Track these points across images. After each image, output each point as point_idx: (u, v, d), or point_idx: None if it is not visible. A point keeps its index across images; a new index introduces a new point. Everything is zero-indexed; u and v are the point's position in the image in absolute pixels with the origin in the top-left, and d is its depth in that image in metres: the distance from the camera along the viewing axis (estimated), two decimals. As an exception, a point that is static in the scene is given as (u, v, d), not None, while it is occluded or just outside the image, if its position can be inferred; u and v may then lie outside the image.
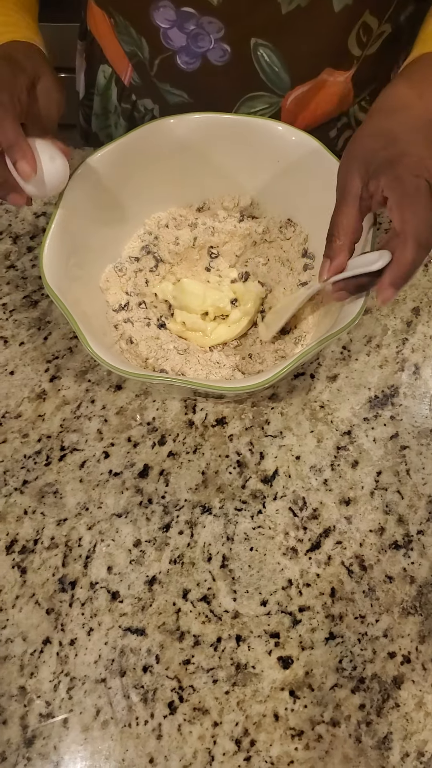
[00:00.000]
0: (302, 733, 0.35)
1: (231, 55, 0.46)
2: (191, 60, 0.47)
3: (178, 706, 0.36)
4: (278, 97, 0.50)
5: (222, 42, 0.45)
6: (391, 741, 0.35)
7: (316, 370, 0.45)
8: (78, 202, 0.42)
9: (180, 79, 0.49)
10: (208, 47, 0.46)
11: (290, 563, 0.39)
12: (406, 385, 0.45)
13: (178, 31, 0.45)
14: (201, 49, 0.46)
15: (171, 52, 0.46)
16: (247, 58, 0.46)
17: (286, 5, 0.42)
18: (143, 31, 0.46)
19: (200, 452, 0.43)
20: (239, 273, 0.47)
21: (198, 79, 0.48)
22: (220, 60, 0.47)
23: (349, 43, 0.47)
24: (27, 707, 0.37)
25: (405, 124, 0.34)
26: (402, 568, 0.39)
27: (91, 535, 0.41)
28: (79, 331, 0.37)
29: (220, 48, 0.46)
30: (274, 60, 0.46)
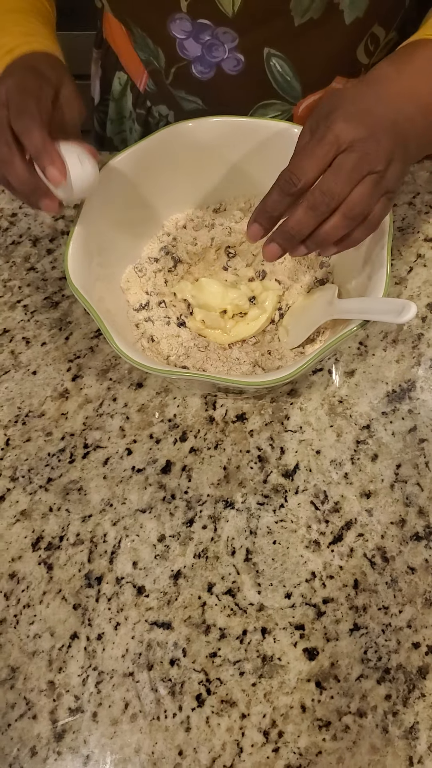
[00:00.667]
0: (329, 724, 0.35)
1: (245, 65, 0.47)
2: (206, 69, 0.48)
3: (205, 698, 0.36)
4: (290, 105, 0.51)
5: (236, 51, 0.46)
6: (417, 731, 0.35)
7: (333, 365, 0.46)
8: (100, 204, 0.43)
9: (195, 86, 0.50)
10: (223, 57, 0.47)
11: (313, 556, 0.40)
12: (422, 380, 0.45)
13: (193, 42, 0.46)
14: (215, 59, 0.47)
15: (186, 61, 0.48)
16: (260, 67, 0.47)
17: (299, 17, 0.43)
18: (160, 41, 0.48)
19: (221, 448, 0.44)
20: (256, 272, 0.47)
21: (212, 87, 0.50)
22: (234, 69, 0.48)
23: (358, 52, 0.48)
24: (56, 702, 0.37)
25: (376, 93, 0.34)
26: (424, 559, 0.39)
27: (116, 531, 0.41)
28: (104, 327, 0.38)
29: (234, 57, 0.47)
30: (286, 69, 0.47)
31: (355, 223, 0.34)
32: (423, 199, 0.53)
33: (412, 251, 0.50)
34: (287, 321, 0.45)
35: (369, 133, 0.32)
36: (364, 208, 0.33)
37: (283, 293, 0.47)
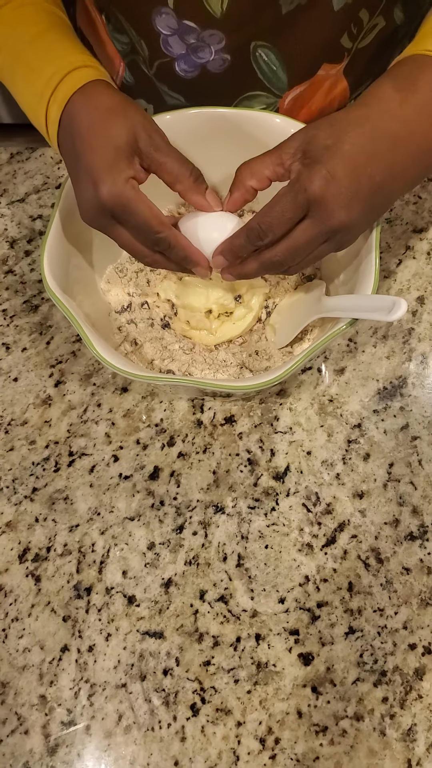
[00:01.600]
0: (326, 729, 0.35)
1: (230, 63, 0.45)
2: (190, 68, 0.46)
3: (200, 707, 0.36)
4: (276, 98, 0.49)
5: (222, 53, 0.44)
6: (415, 732, 0.35)
7: (323, 363, 0.45)
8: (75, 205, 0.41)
9: (178, 84, 0.48)
10: (209, 59, 0.45)
11: (306, 559, 0.39)
12: (414, 376, 0.44)
13: (178, 39, 0.44)
14: (201, 60, 0.45)
15: (170, 58, 0.46)
16: (246, 60, 0.46)
17: (287, 5, 0.41)
18: (144, 34, 0.46)
19: (210, 452, 0.43)
20: None
21: (196, 85, 0.48)
22: (219, 68, 0.46)
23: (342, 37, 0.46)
24: (48, 716, 0.36)
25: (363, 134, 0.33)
26: (419, 559, 0.39)
27: (104, 540, 0.40)
28: (84, 333, 0.36)
29: (221, 58, 0.45)
30: (272, 59, 0.46)
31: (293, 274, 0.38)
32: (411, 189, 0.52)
33: (400, 243, 0.49)
34: (274, 320, 0.44)
35: (342, 206, 0.32)
36: (310, 263, 0.36)
37: (270, 291, 0.45)
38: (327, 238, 0.34)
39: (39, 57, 0.38)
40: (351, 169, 0.32)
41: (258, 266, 0.36)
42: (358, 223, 0.34)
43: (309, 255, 0.35)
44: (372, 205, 0.34)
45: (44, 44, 0.38)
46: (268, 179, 0.36)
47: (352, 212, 0.33)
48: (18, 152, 0.57)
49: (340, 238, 0.34)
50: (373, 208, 0.34)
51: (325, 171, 0.32)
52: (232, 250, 0.36)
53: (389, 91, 0.34)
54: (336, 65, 0.48)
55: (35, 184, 0.55)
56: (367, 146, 0.33)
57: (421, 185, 0.52)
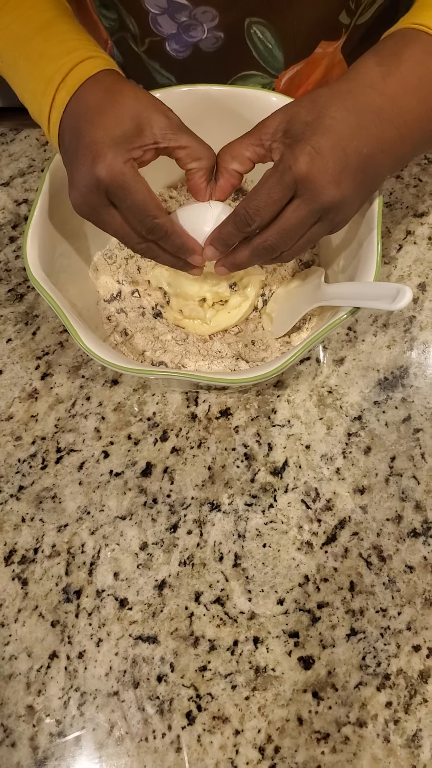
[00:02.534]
0: (328, 736, 0.34)
1: (224, 41, 0.43)
2: (181, 48, 0.44)
3: (196, 715, 0.34)
4: (271, 78, 0.47)
5: (215, 30, 0.42)
6: (420, 738, 0.33)
7: (322, 353, 0.43)
8: (61, 188, 0.39)
9: (169, 62, 0.46)
10: (201, 37, 0.43)
11: (306, 558, 0.37)
12: (416, 365, 0.43)
13: (168, 19, 0.42)
14: (193, 39, 0.43)
15: (160, 37, 0.43)
16: (241, 38, 0.43)
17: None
18: (132, 11, 0.43)
19: (205, 446, 0.41)
20: None
21: (188, 65, 0.45)
22: (212, 47, 0.44)
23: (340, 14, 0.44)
24: (36, 727, 0.35)
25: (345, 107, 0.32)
26: (422, 556, 0.37)
27: (95, 541, 0.39)
28: (69, 324, 0.34)
29: (213, 36, 0.43)
30: (268, 37, 0.43)
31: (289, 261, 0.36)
32: (411, 171, 0.50)
33: (401, 228, 0.47)
34: (271, 308, 0.42)
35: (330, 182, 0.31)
36: (301, 252, 0.35)
37: (266, 278, 0.43)
38: (319, 218, 0.32)
39: (50, 45, 0.35)
40: (336, 143, 0.31)
41: (250, 254, 0.34)
42: (349, 199, 0.32)
43: (302, 238, 0.33)
44: (362, 179, 0.32)
45: (56, 32, 0.36)
46: (250, 161, 0.35)
47: (342, 187, 0.31)
48: (2, 134, 0.54)
49: (333, 217, 0.33)
50: (363, 183, 0.32)
51: (309, 147, 0.30)
52: (221, 238, 0.34)
53: (372, 66, 0.33)
54: (333, 42, 0.46)
55: (20, 167, 0.53)
56: (350, 119, 0.31)
57: (421, 168, 0.50)
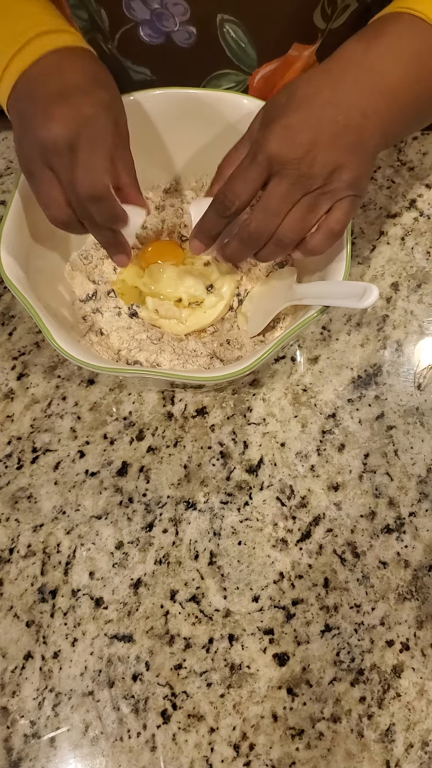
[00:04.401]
0: (302, 732, 0.34)
1: (197, 37, 0.44)
2: (155, 34, 0.44)
3: (171, 714, 0.34)
4: (245, 75, 0.48)
5: (187, 24, 0.42)
6: (394, 733, 0.33)
7: (296, 352, 0.44)
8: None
9: (143, 54, 0.46)
10: (173, 29, 0.43)
11: (281, 555, 0.38)
12: (389, 363, 0.43)
13: (141, 4, 0.42)
14: (166, 28, 0.43)
15: (133, 23, 0.44)
16: (213, 36, 0.44)
17: None
18: (104, 1, 0.43)
19: (181, 445, 0.41)
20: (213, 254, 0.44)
21: (162, 55, 0.46)
22: (185, 42, 0.44)
23: (315, 16, 0.45)
24: (10, 728, 0.34)
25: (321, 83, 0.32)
26: (396, 552, 0.38)
27: (70, 540, 0.38)
28: (42, 325, 0.34)
29: (186, 31, 0.43)
30: (240, 35, 0.44)
31: (290, 248, 0.34)
32: (384, 173, 0.51)
33: (374, 228, 0.48)
34: (246, 308, 0.43)
35: (304, 153, 0.31)
36: (297, 234, 0.33)
37: (241, 278, 0.44)
38: (303, 193, 0.32)
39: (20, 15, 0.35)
40: (306, 116, 0.31)
41: (238, 243, 0.34)
42: (330, 166, 0.31)
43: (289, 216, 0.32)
44: (343, 147, 0.31)
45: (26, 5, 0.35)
46: None
47: (316, 157, 0.31)
48: (-21, 138, 0.54)
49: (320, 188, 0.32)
50: (346, 150, 0.32)
51: (279, 126, 0.31)
52: (203, 229, 0.35)
53: (353, 45, 0.34)
54: (308, 46, 0.47)
55: (-3, 170, 0.53)
56: (323, 92, 0.32)
57: (394, 170, 0.51)
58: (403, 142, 0.52)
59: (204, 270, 0.44)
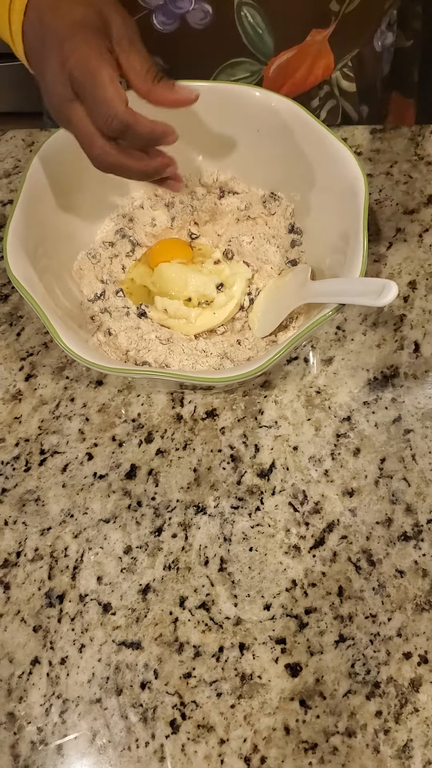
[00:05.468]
0: (316, 746, 0.33)
1: (212, 17, 0.42)
2: (168, 20, 0.43)
3: (180, 724, 0.33)
4: (261, 65, 0.46)
5: (203, 2, 0.41)
6: (411, 749, 0.32)
7: (309, 353, 0.42)
8: (42, 187, 0.39)
9: (156, 42, 0.45)
10: (188, 8, 0.42)
11: (293, 562, 0.36)
12: (406, 365, 0.42)
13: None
14: (180, 9, 0.42)
15: (146, 11, 0.43)
16: (230, 20, 0.43)
17: None
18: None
19: (191, 448, 0.40)
20: (224, 251, 0.43)
21: (175, 42, 0.45)
22: (200, 23, 0.43)
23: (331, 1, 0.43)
24: (17, 735, 0.34)
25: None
26: (413, 561, 0.36)
27: (78, 544, 0.38)
28: (50, 325, 0.34)
29: (201, 9, 0.42)
30: (258, 21, 0.43)
31: None
32: (401, 168, 0.49)
33: (390, 225, 0.47)
34: (258, 307, 0.42)
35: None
36: None
37: (253, 276, 0.43)
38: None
39: None
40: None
41: None
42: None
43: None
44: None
45: None
46: None
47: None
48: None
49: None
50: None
51: None
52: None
53: None
54: (323, 30, 0.45)
55: (6, 168, 0.52)
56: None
57: (412, 164, 0.49)
58: (421, 136, 0.50)
59: (214, 268, 0.43)
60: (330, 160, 0.38)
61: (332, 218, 0.38)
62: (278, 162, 0.42)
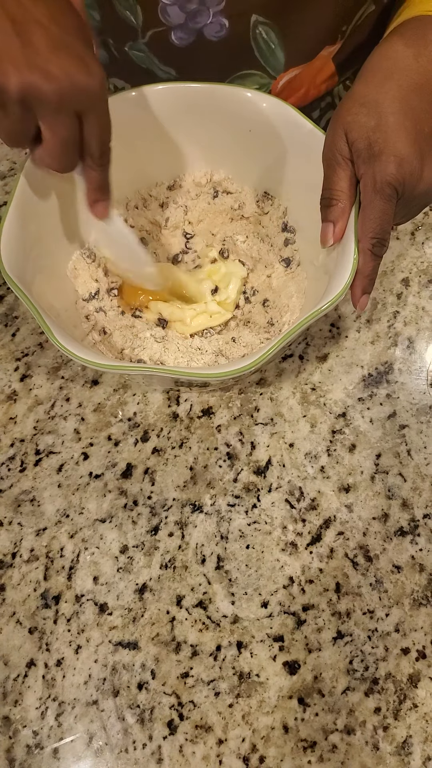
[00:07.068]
0: (315, 744, 0.32)
1: (228, 31, 0.43)
2: (186, 36, 0.44)
3: (178, 724, 0.33)
4: (270, 79, 0.47)
5: (221, 15, 0.42)
6: (411, 745, 0.32)
7: (304, 350, 0.43)
8: (37, 187, 0.39)
9: (170, 55, 0.45)
10: (206, 22, 0.42)
11: (290, 559, 0.36)
12: (400, 361, 0.42)
13: (178, 10, 0.42)
14: (198, 24, 0.43)
15: (166, 27, 0.43)
16: (245, 34, 0.43)
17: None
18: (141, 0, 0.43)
19: (187, 446, 0.40)
20: (220, 250, 0.44)
21: (189, 54, 0.45)
22: (215, 35, 0.44)
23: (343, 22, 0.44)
24: (12, 739, 0.33)
25: (394, 97, 0.33)
26: (410, 555, 0.36)
27: (74, 544, 0.38)
28: (44, 324, 0.34)
29: (218, 23, 0.42)
30: (272, 36, 0.44)
31: None
32: (393, 168, 0.49)
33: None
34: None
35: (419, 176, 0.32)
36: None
37: (248, 275, 0.43)
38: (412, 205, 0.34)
39: None
40: (409, 140, 0.32)
41: (373, 261, 0.34)
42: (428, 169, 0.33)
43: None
44: (428, 145, 0.33)
45: None
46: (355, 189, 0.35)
47: (426, 174, 0.33)
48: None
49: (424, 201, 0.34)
50: (423, 147, 0.33)
51: (391, 157, 0.32)
52: (371, 277, 0.34)
53: (401, 48, 0.34)
54: (331, 47, 0.46)
55: (1, 170, 0.52)
56: (405, 109, 0.33)
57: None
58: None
59: (211, 267, 0.43)
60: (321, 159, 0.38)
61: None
62: (271, 162, 0.42)
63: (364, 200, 0.33)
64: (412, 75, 0.33)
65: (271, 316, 0.41)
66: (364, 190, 0.33)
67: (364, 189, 0.33)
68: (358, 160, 0.33)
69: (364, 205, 0.33)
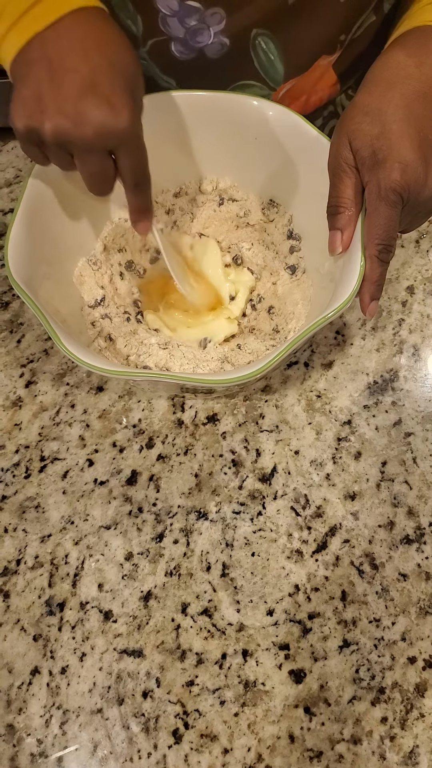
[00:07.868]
0: (321, 754, 0.32)
1: (229, 48, 0.43)
2: (186, 51, 0.44)
3: (183, 733, 0.33)
4: (270, 90, 0.47)
5: (222, 35, 0.42)
6: (418, 755, 0.32)
7: (310, 358, 0.43)
8: (43, 194, 0.39)
9: (171, 65, 0.46)
10: (207, 42, 0.43)
11: (296, 567, 0.36)
12: (405, 368, 0.42)
13: (178, 23, 0.42)
14: (199, 44, 0.43)
15: (166, 37, 0.43)
16: (245, 49, 0.44)
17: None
18: (142, 10, 0.43)
19: (192, 453, 0.40)
20: (233, 256, 0.44)
21: (190, 68, 0.46)
22: (216, 54, 0.44)
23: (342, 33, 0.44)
24: (17, 747, 0.33)
25: (397, 105, 0.33)
26: (416, 564, 0.36)
27: (79, 551, 0.37)
28: (52, 330, 0.34)
29: (219, 42, 0.43)
30: (271, 48, 0.44)
31: None
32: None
33: (388, 232, 0.47)
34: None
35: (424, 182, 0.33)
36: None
37: (255, 284, 0.43)
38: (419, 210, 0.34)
39: None
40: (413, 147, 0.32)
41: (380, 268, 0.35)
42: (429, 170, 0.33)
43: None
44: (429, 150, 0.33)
45: None
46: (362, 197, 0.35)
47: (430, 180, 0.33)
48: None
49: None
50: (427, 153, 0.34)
51: (396, 164, 0.32)
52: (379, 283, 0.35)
53: (403, 58, 0.35)
54: (329, 56, 0.46)
55: (7, 178, 0.53)
56: (409, 116, 0.33)
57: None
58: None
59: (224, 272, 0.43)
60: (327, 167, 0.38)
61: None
62: (276, 169, 0.42)
63: (369, 207, 0.33)
64: (414, 83, 0.34)
65: (276, 323, 0.41)
66: (369, 197, 0.33)
67: (369, 196, 0.33)
68: (363, 167, 0.33)
69: (370, 211, 0.33)
